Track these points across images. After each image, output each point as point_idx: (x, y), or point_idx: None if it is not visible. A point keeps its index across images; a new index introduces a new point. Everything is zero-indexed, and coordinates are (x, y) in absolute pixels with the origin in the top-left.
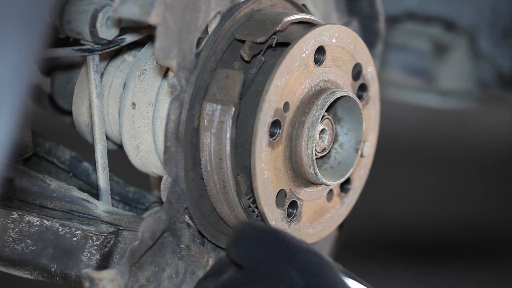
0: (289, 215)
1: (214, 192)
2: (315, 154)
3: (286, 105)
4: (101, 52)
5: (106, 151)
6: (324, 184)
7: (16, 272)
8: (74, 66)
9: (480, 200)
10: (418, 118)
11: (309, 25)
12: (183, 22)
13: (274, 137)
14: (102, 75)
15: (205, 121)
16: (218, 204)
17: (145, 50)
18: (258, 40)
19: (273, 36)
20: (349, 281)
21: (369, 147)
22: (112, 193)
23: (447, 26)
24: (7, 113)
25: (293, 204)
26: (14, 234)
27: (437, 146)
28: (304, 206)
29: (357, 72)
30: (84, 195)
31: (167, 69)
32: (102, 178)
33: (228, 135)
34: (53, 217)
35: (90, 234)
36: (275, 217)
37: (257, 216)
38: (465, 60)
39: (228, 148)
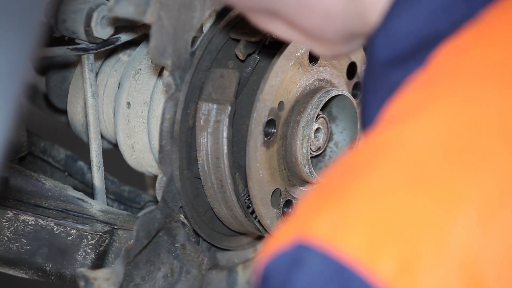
0: (284, 214)
1: (212, 192)
2: (310, 153)
3: (281, 104)
4: (96, 51)
5: (101, 150)
6: None
7: (11, 272)
8: (69, 65)
9: None
10: None
11: None
12: (178, 21)
13: (269, 137)
14: (97, 74)
15: (201, 120)
16: (216, 204)
17: (140, 49)
18: (253, 39)
19: (268, 35)
20: None
21: None
22: (107, 192)
23: None
24: (2, 112)
25: (288, 203)
26: (9, 234)
27: None
28: None
29: (352, 70)
30: (79, 194)
31: (162, 68)
32: (97, 177)
33: (225, 134)
34: (48, 216)
35: (85, 233)
36: (270, 216)
37: (255, 217)
38: None
39: (225, 147)
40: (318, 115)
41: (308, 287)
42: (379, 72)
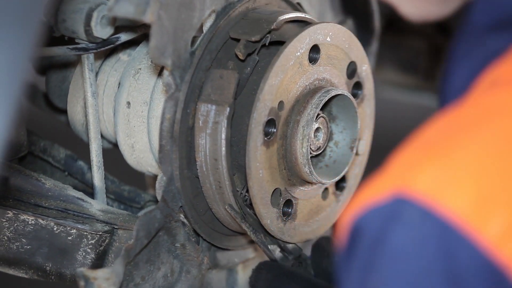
0: (284, 214)
1: (210, 193)
2: (310, 153)
3: (281, 104)
4: (95, 51)
5: (101, 150)
6: (319, 183)
7: (11, 271)
8: (69, 65)
9: None
10: (414, 117)
11: (304, 23)
12: (178, 21)
13: (269, 136)
14: (97, 74)
15: (200, 121)
16: (214, 204)
17: (140, 49)
18: (253, 39)
19: (268, 35)
20: None
21: (364, 145)
22: (107, 191)
23: (442, 25)
24: (2, 111)
25: (288, 203)
26: (9, 233)
27: None
28: (299, 205)
29: (352, 70)
30: (79, 194)
31: (162, 68)
32: (97, 177)
33: (223, 136)
34: (48, 216)
35: (85, 233)
36: (270, 216)
37: (254, 215)
38: None
39: (223, 149)
40: (318, 114)
41: (405, 243)
42: (476, 36)
